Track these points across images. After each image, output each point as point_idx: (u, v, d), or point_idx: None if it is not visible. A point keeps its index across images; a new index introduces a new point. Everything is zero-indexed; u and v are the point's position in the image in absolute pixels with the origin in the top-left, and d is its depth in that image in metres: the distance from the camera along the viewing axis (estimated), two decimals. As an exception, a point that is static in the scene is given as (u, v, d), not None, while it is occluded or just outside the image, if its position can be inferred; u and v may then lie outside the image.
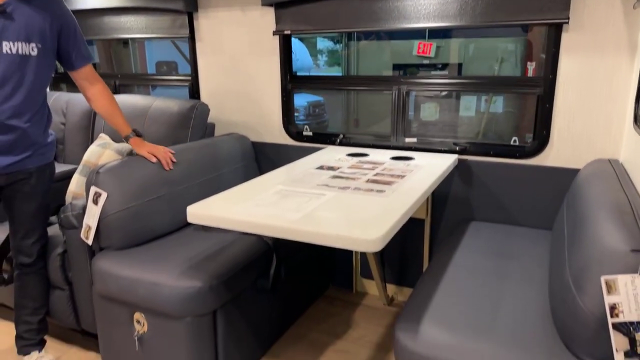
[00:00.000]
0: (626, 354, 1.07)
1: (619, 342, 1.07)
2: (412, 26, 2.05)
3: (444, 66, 5.07)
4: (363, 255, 2.47)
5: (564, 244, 1.45)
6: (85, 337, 2.12)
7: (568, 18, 1.79)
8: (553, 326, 1.27)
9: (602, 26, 1.76)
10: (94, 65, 4.08)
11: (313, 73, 7.60)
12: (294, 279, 2.15)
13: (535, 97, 1.95)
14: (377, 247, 1.17)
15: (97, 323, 1.86)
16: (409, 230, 2.29)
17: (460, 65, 5.03)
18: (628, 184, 1.46)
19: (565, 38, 1.83)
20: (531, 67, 3.67)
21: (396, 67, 5.26)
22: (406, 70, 5.04)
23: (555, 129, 1.92)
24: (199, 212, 1.41)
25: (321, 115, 7.10)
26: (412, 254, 2.33)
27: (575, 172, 1.91)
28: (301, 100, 7.06)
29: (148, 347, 1.72)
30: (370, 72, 5.95)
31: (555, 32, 1.84)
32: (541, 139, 1.95)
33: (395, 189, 1.60)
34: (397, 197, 1.51)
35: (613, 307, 1.07)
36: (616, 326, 1.07)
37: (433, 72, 5.11)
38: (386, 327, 2.19)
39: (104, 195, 1.79)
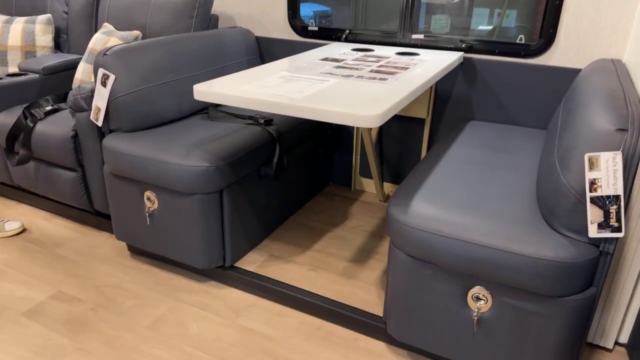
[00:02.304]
0: (599, 225, 1.17)
1: (594, 215, 1.16)
2: None
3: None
4: (362, 154, 2.55)
5: (555, 135, 1.51)
6: (98, 218, 2.26)
7: None
8: (535, 205, 1.37)
9: None
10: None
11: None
12: (295, 171, 2.24)
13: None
14: (377, 122, 1.23)
15: (110, 202, 1.98)
16: (410, 130, 2.35)
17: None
18: (626, 78, 1.49)
19: None
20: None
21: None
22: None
23: (563, 27, 1.91)
24: (206, 89, 1.45)
25: (328, 26, 6.88)
26: (410, 153, 2.41)
27: (578, 72, 1.92)
28: (307, 10, 6.81)
29: (158, 222, 1.84)
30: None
31: None
32: (547, 37, 1.94)
33: (398, 78, 1.63)
34: (398, 84, 1.54)
35: (593, 183, 1.15)
36: (593, 200, 1.16)
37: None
38: (381, 219, 2.32)
39: (112, 77, 1.82)
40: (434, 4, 2.33)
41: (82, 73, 2.34)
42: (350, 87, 1.49)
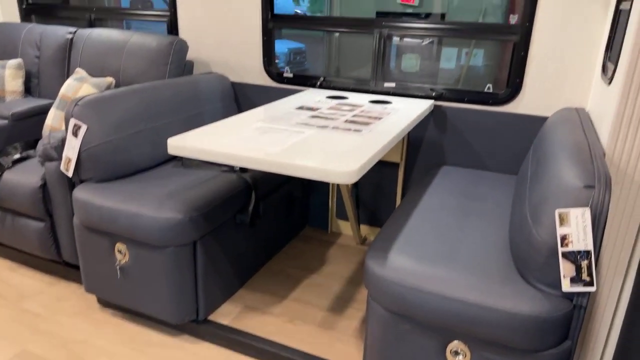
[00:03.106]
0: (572, 280, 1.18)
1: (566, 269, 1.18)
2: (396, -32, 2.03)
3: (427, 15, 5.04)
4: (339, 196, 2.55)
5: (526, 185, 1.54)
6: (66, 268, 2.18)
7: (548, -35, 1.81)
8: (510, 256, 1.39)
9: (581, -25, 1.80)
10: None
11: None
12: (271, 217, 2.22)
13: (512, 44, 1.99)
14: (352, 179, 1.23)
15: (79, 254, 1.91)
16: (384, 174, 2.38)
17: (443, 15, 5.00)
18: (590, 130, 1.54)
19: (545, -14, 1.86)
20: (513, 19, 3.68)
21: (379, 15, 5.20)
22: (391, 15, 4.99)
23: (529, 77, 1.98)
24: (180, 143, 1.44)
25: (302, 63, 7.01)
26: (386, 196, 2.42)
27: (544, 119, 1.99)
28: (282, 46, 6.93)
29: (129, 275, 1.79)
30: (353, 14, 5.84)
31: (535, -20, 1.87)
32: (514, 87, 2.01)
33: (371, 129, 1.66)
34: (373, 136, 1.56)
35: (564, 238, 1.18)
36: (565, 254, 1.18)
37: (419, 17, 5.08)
38: (358, 264, 2.30)
39: (84, 127, 1.79)
40: (405, 45, 2.40)
41: (53, 119, 2.30)
42: (325, 140, 1.50)
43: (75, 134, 1.81)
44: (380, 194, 2.44)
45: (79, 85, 2.27)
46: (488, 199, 1.79)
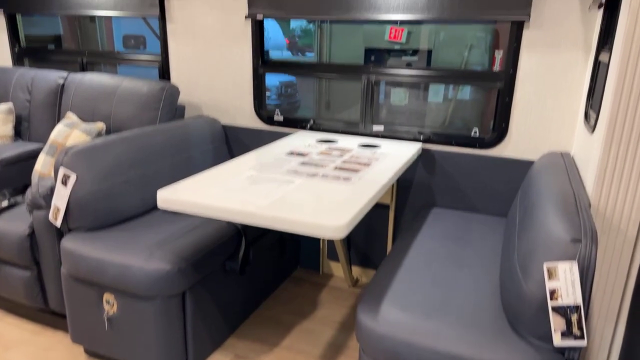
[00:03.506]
0: (563, 334, 1.18)
1: (557, 323, 1.18)
2: (383, 17, 2.09)
3: (414, 52, 5.17)
4: (330, 238, 2.55)
5: (515, 231, 1.55)
6: (54, 317, 2.13)
7: (529, 16, 1.87)
8: (501, 308, 1.38)
9: (560, 25, 1.86)
10: (59, 39, 3.94)
11: (285, 53, 7.55)
12: (262, 262, 2.21)
13: (497, 90, 2.04)
14: (342, 234, 1.24)
15: (66, 303, 1.88)
16: (375, 215, 2.38)
17: (430, 51, 5.14)
18: (575, 177, 1.57)
19: (526, 35, 1.92)
20: (498, 55, 3.78)
21: (368, 51, 5.32)
22: (377, 55, 5.11)
23: (514, 122, 2.02)
24: (169, 197, 1.44)
25: (293, 95, 7.11)
26: (377, 237, 2.42)
27: (530, 163, 2.02)
28: (273, 79, 7.03)
29: (117, 327, 1.75)
30: (342, 55, 5.98)
31: (517, 29, 1.93)
32: (500, 131, 2.05)
33: (361, 176, 1.67)
34: (362, 185, 1.58)
35: (553, 292, 1.18)
36: (555, 309, 1.18)
37: (403, 58, 5.21)
38: (350, 308, 2.28)
39: (74, 176, 1.79)
40: (394, 81, 2.44)
41: (42, 165, 2.29)
42: (315, 190, 1.51)
43: (64, 183, 1.81)
44: (372, 235, 2.44)
45: (69, 131, 2.28)
46: (479, 245, 1.80)
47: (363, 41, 5.44)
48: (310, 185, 1.56)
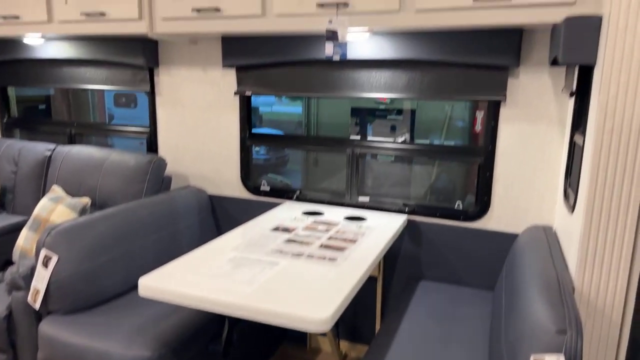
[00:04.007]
0: None
1: (547, 417, 1.15)
2: (366, 95, 2.17)
3: (399, 112, 5.32)
4: (317, 309, 2.50)
5: (501, 312, 1.54)
6: (26, 402, 2.03)
7: (505, 96, 1.95)
8: (491, 397, 1.35)
9: (535, 105, 1.94)
10: (49, 109, 3.99)
11: (275, 108, 7.70)
12: (246, 341, 2.15)
13: (477, 165, 2.09)
14: (325, 327, 1.22)
15: (41, 390, 1.80)
16: (363, 288, 2.36)
17: (413, 111, 5.29)
18: (559, 257, 1.58)
19: (503, 113, 1.99)
20: (480, 115, 3.91)
21: (354, 110, 5.47)
22: (363, 114, 5.26)
23: (495, 195, 2.06)
24: (151, 285, 1.42)
25: (281, 149, 7.19)
26: (365, 310, 2.39)
27: (514, 236, 2.04)
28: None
29: (94, 416, 1.67)
30: (329, 113, 6.13)
31: (494, 108, 2.00)
32: (482, 205, 2.08)
33: (347, 256, 1.67)
34: (348, 266, 1.57)
35: (541, 385, 1.16)
36: (544, 402, 1.15)
37: (389, 117, 5.36)
38: (338, 385, 2.21)
39: (55, 258, 1.76)
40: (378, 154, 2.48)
41: (25, 240, 2.26)
42: (300, 273, 1.50)
43: (45, 264, 1.78)
44: (360, 309, 2.40)
45: (54, 206, 2.27)
46: (466, 323, 1.78)
47: (350, 101, 5.60)
48: (295, 268, 1.55)
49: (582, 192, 1.46)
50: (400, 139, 5.39)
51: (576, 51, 1.42)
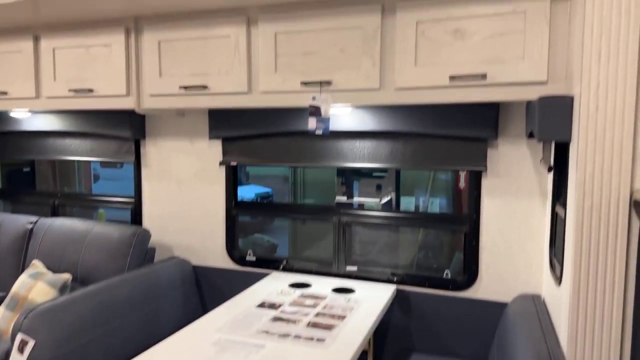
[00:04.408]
0: None
1: None
2: (350, 165, 2.20)
3: (384, 170, 5.39)
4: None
5: (495, 392, 1.50)
6: None
7: (486, 167, 2.00)
8: None
9: (516, 175, 1.98)
10: (33, 172, 3.96)
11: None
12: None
13: (463, 234, 2.10)
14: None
15: None
16: (352, 360, 2.28)
17: (398, 170, 5.37)
18: (549, 329, 1.56)
19: (485, 183, 2.03)
20: (463, 172, 3.97)
21: (340, 170, 5.53)
22: (348, 174, 5.32)
23: (483, 264, 2.06)
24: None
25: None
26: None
27: (504, 305, 2.02)
28: (249, 192, 7.12)
29: None
30: (316, 172, 6.18)
31: (476, 177, 2.04)
32: (470, 274, 2.07)
33: (335, 335, 1.63)
34: (337, 347, 1.53)
35: None
36: None
37: (374, 174, 5.42)
38: None
39: (31, 343, 1.69)
40: (363, 222, 2.49)
41: (2, 319, 2.17)
42: (287, 358, 1.45)
43: (21, 350, 1.70)
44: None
45: (33, 283, 2.20)
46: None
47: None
48: (281, 351, 1.50)
49: (567, 266, 1.47)
50: (386, 198, 5.43)
51: (551, 129, 1.47)
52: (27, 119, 2.74)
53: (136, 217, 2.67)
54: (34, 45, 2.34)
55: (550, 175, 1.85)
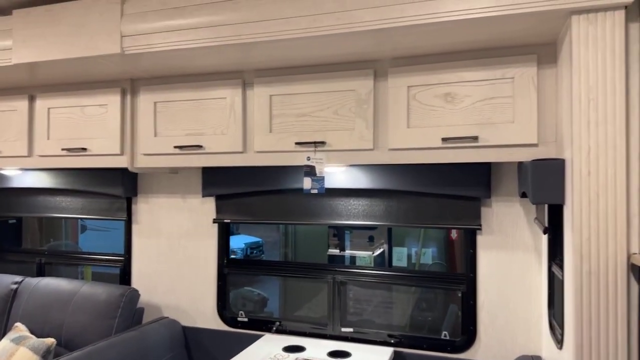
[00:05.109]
0: None
1: None
2: (344, 222, 2.19)
3: (374, 227, 5.37)
4: None
5: None
6: None
7: (480, 226, 2.00)
8: None
9: (510, 233, 1.98)
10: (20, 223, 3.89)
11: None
12: None
13: (460, 293, 2.07)
14: None
15: None
16: None
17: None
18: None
19: (480, 240, 2.03)
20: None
21: (332, 225, 5.50)
22: (340, 228, 5.28)
23: (481, 324, 2.02)
24: None
25: (259, 256, 7.05)
26: None
27: (504, 368, 1.97)
28: (239, 242, 7.02)
29: None
30: (307, 227, 6.14)
31: (471, 235, 2.04)
32: (468, 334, 2.03)
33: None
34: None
35: None
36: None
37: (366, 229, 5.39)
38: None
39: (9, 418, 1.59)
40: (358, 280, 2.44)
41: (-23, 389, 2.06)
42: None
43: None
44: None
45: (15, 349, 2.11)
46: None
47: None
48: None
49: (568, 331, 1.44)
50: (378, 250, 5.38)
51: (544, 192, 1.49)
52: (18, 175, 2.72)
53: (125, 275, 2.60)
54: (29, 104, 2.36)
55: (546, 235, 1.85)
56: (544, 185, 1.49)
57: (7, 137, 2.40)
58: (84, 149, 2.24)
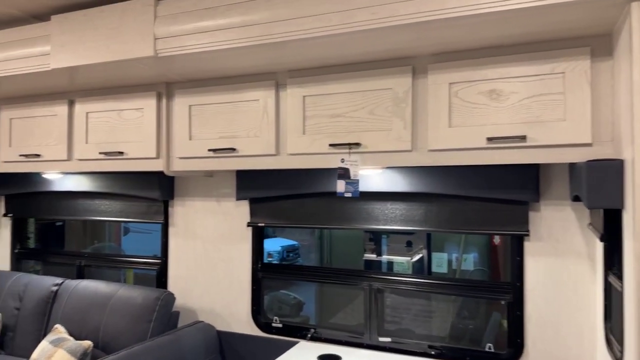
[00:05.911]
0: None
1: None
2: (380, 227, 2.11)
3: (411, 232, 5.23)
4: None
5: None
6: None
7: (528, 231, 1.87)
8: None
9: (561, 239, 1.85)
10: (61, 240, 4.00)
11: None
12: None
13: (506, 304, 1.95)
14: None
15: None
16: None
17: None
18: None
19: (528, 247, 1.90)
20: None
21: (368, 230, 5.40)
22: (377, 233, 5.17)
23: (529, 337, 1.89)
24: None
25: (295, 259, 7.03)
26: None
27: (555, 385, 1.83)
28: (275, 245, 7.02)
29: None
30: (344, 232, 6.06)
31: (518, 241, 1.91)
32: (515, 347, 1.90)
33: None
34: None
35: None
36: None
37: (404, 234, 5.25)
38: None
39: (45, 421, 1.60)
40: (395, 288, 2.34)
41: (19, 389, 2.10)
42: None
43: None
44: None
45: (53, 351, 2.13)
46: None
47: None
48: None
49: (629, 348, 1.31)
50: (417, 256, 5.22)
51: (601, 196, 1.36)
52: (59, 179, 2.78)
53: (161, 278, 2.61)
54: (69, 109, 2.40)
55: (601, 242, 1.71)
56: (600, 188, 1.36)
57: (48, 142, 2.45)
58: (121, 153, 2.26)
